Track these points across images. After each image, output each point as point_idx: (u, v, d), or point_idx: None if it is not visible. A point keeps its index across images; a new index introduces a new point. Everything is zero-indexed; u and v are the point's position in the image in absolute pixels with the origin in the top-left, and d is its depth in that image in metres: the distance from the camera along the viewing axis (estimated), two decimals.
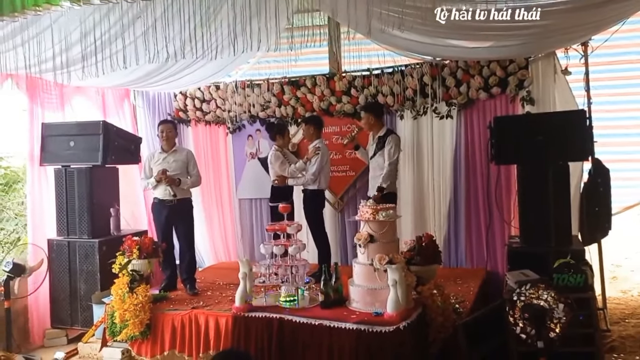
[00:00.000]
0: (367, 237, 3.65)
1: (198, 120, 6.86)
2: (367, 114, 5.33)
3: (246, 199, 6.76)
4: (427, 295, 3.83)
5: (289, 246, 3.87)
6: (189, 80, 6.10)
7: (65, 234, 5.45)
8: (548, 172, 4.44)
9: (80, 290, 5.35)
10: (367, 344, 3.36)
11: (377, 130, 5.31)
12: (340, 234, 6.33)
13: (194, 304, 4.79)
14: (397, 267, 3.42)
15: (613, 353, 4.33)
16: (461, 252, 5.82)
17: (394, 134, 5.33)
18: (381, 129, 5.29)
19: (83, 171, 5.40)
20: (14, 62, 4.37)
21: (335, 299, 3.74)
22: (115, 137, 5.56)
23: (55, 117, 5.72)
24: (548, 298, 3.45)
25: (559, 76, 5.20)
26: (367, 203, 3.80)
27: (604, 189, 4.97)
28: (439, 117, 5.75)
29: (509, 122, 4.82)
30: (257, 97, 6.47)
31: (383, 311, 3.46)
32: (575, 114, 4.62)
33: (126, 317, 4.56)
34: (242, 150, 6.72)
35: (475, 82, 5.52)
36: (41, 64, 4.38)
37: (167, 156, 5.27)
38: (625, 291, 6.33)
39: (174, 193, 5.09)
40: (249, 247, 6.75)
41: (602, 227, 4.98)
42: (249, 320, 3.70)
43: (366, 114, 5.33)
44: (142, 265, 4.79)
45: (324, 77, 6.17)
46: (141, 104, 6.91)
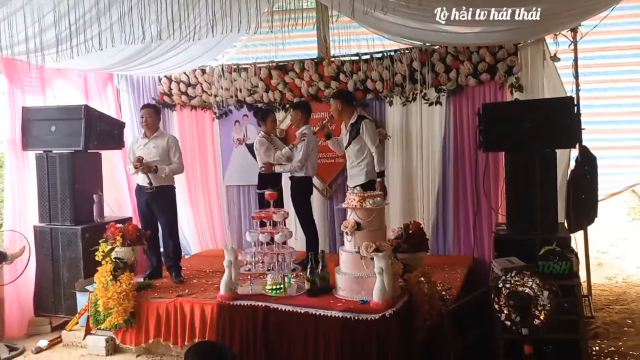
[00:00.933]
0: (354, 225, 3.61)
1: (183, 105, 6.75)
2: (335, 101, 5.28)
3: (233, 185, 6.69)
4: (414, 283, 3.82)
5: (276, 234, 3.82)
6: (174, 64, 5.97)
7: (47, 221, 5.35)
8: (535, 160, 4.42)
9: (64, 278, 5.26)
10: (353, 332, 3.34)
11: (348, 117, 5.27)
12: (329, 221, 6.30)
13: (179, 291, 4.75)
14: (384, 255, 3.40)
15: (597, 339, 4.36)
16: (449, 240, 5.82)
17: (366, 119, 5.30)
18: (352, 116, 5.23)
19: (65, 156, 5.29)
20: None
21: (321, 286, 3.71)
22: (98, 121, 5.44)
23: (36, 101, 5.58)
24: (533, 285, 3.44)
25: (548, 63, 5.18)
26: (355, 190, 3.76)
27: (591, 176, 4.97)
28: (428, 104, 5.70)
29: (497, 109, 4.79)
30: (244, 82, 6.37)
31: (369, 299, 3.44)
32: (563, 101, 4.59)
33: (110, 305, 4.51)
34: (229, 136, 6.63)
35: (464, 68, 5.48)
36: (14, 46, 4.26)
37: (148, 142, 5.17)
38: (611, 277, 6.38)
39: (149, 181, 4.99)
40: (237, 235, 6.69)
41: (588, 215, 5.00)
42: (234, 309, 3.66)
43: (334, 101, 5.28)
44: (126, 253, 4.73)
45: (313, 61, 6.08)
46: (125, 87, 6.77)
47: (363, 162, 5.22)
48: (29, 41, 4.00)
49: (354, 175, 5.28)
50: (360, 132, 5.11)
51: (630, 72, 5.62)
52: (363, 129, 5.10)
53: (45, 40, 4.14)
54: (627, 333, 4.48)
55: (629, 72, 5.62)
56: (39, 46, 4.06)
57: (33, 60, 4.32)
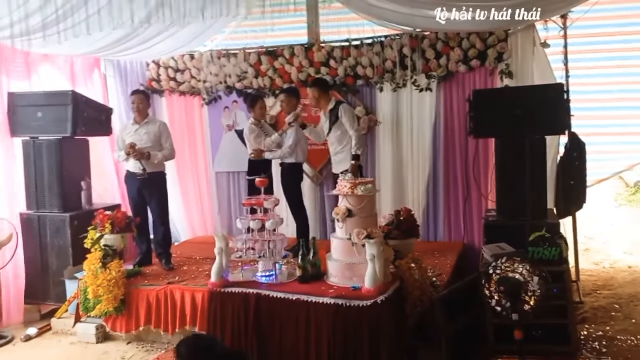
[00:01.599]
0: (345, 212, 3.61)
1: (172, 91, 6.67)
2: (311, 89, 5.28)
3: (223, 172, 6.65)
4: (405, 269, 3.83)
5: (266, 220, 3.80)
6: (162, 49, 5.89)
7: (34, 208, 5.28)
8: (525, 146, 4.43)
9: (52, 266, 5.22)
10: (345, 318, 3.35)
11: (326, 104, 5.25)
12: (319, 207, 6.29)
13: (169, 279, 4.73)
14: (375, 242, 3.40)
15: (585, 324, 4.42)
16: (439, 226, 5.84)
17: (344, 103, 5.30)
18: (329, 103, 5.23)
19: (52, 143, 5.21)
20: None
21: (313, 273, 3.72)
22: (85, 107, 5.36)
23: (22, 86, 5.48)
24: (523, 271, 3.46)
25: (538, 49, 5.17)
26: (346, 177, 3.75)
27: (580, 162, 5.01)
28: (419, 90, 5.68)
29: (487, 95, 4.78)
30: (234, 68, 6.30)
31: (361, 285, 3.45)
32: (553, 87, 4.61)
33: (99, 292, 4.48)
34: (218, 122, 6.57)
35: (454, 55, 5.46)
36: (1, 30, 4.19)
37: (139, 128, 5.13)
38: (598, 263, 6.46)
39: (143, 167, 4.96)
40: (227, 221, 6.67)
41: (577, 201, 5.05)
42: (225, 296, 3.65)
43: (311, 89, 5.28)
44: (115, 240, 4.70)
45: (302, 47, 6.02)
46: (112, 73, 6.66)
47: (346, 147, 5.20)
48: (14, 26, 3.91)
49: (338, 162, 5.27)
50: (339, 116, 5.11)
51: (619, 59, 5.63)
52: (341, 113, 5.10)
53: (31, 25, 4.06)
54: (614, 318, 4.55)
55: (618, 58, 5.63)
56: (25, 30, 3.98)
57: (19, 46, 4.23)
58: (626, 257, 6.54)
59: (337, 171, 5.21)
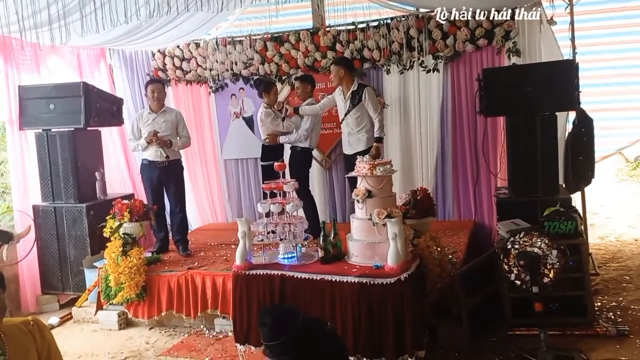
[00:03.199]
0: (365, 192, 3.65)
1: (178, 80, 6.69)
2: (337, 67, 5.18)
3: (232, 159, 6.69)
4: (424, 248, 3.91)
5: (287, 204, 3.86)
6: (167, 38, 5.90)
7: (50, 200, 5.33)
8: (536, 122, 4.50)
9: (70, 256, 5.28)
10: (369, 296, 3.42)
11: (349, 85, 5.20)
12: (328, 191, 6.35)
13: (188, 264, 4.82)
14: (397, 221, 3.46)
15: (598, 295, 4.53)
16: (449, 205, 5.92)
17: (368, 87, 5.27)
18: (352, 84, 5.20)
19: (65, 135, 5.25)
20: None
21: (334, 254, 3.77)
22: (97, 98, 5.39)
23: (31, 79, 5.50)
24: (542, 245, 3.56)
25: (545, 26, 5.20)
26: (364, 158, 3.80)
27: (588, 138, 5.07)
28: (426, 71, 5.72)
29: (497, 74, 4.82)
30: (240, 55, 6.32)
31: (383, 264, 3.51)
32: (563, 64, 4.67)
33: (121, 280, 4.56)
34: (225, 109, 6.61)
35: (461, 34, 5.49)
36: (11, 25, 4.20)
37: (157, 117, 5.17)
38: (603, 237, 6.57)
39: (166, 155, 5.03)
40: (237, 208, 6.73)
41: (586, 176, 5.11)
42: (250, 278, 3.71)
43: (337, 67, 5.18)
44: (134, 228, 4.77)
45: (308, 32, 6.04)
46: (118, 63, 6.68)
47: (363, 129, 5.22)
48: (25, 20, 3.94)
49: (352, 143, 5.27)
50: (362, 99, 5.10)
51: (623, 34, 5.68)
52: (366, 97, 5.09)
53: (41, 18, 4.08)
54: (626, 289, 4.66)
55: (622, 34, 5.69)
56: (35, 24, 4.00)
57: (30, 38, 4.25)
58: (631, 231, 6.65)
59: (350, 152, 5.24)
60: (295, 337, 2.25)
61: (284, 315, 2.36)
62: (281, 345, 2.26)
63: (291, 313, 2.38)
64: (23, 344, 1.98)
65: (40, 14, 4.10)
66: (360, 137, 5.19)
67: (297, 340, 2.23)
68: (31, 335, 2.02)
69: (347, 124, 5.32)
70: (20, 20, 3.97)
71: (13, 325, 2.00)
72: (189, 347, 4.30)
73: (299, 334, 2.25)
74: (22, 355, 1.96)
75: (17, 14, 3.93)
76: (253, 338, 3.71)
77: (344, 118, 5.31)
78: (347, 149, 5.37)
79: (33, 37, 4.19)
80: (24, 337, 2.00)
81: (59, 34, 4.11)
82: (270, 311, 2.44)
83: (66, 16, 4.35)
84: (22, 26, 4.07)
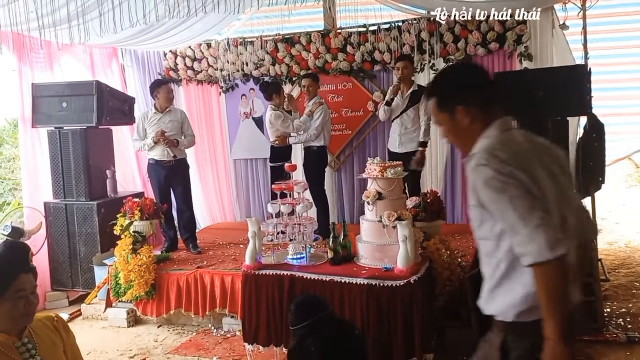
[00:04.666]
0: (376, 194, 3.66)
1: (189, 80, 6.73)
2: (403, 62, 5.15)
3: (241, 159, 6.72)
4: (433, 250, 3.91)
5: (297, 205, 3.87)
6: (179, 39, 5.95)
7: (61, 197, 5.37)
8: (548, 127, 4.48)
9: (80, 253, 5.31)
10: (378, 298, 3.43)
11: (408, 85, 5.20)
12: (337, 192, 6.37)
13: (198, 263, 4.83)
14: (407, 223, 3.47)
15: (607, 301, 4.51)
16: (457, 208, 5.92)
17: None
18: (413, 84, 5.21)
19: (77, 132, 5.28)
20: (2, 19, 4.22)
21: (343, 255, 3.79)
22: (109, 97, 5.42)
23: (44, 77, 5.54)
24: None
25: (557, 31, 5.19)
26: (375, 161, 3.80)
27: (599, 143, 5.05)
28: None
29: (509, 78, 4.80)
30: (250, 55, 6.35)
31: (393, 266, 3.52)
32: (575, 69, 4.64)
33: (131, 277, 4.59)
34: (235, 110, 6.63)
35: (473, 38, 5.49)
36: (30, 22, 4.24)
37: (163, 116, 5.21)
38: (612, 243, 6.54)
39: (173, 154, 5.07)
40: (245, 208, 6.76)
41: (596, 181, 5.09)
42: (259, 278, 3.73)
43: (403, 62, 5.15)
44: (144, 227, 4.80)
45: (319, 33, 6.06)
46: (130, 63, 6.73)
47: (417, 130, 5.20)
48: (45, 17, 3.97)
49: (405, 142, 5.23)
50: (421, 101, 5.07)
51: (636, 38, 5.66)
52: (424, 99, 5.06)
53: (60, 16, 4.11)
54: (636, 295, 4.64)
55: (635, 38, 5.66)
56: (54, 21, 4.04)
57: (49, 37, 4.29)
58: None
59: (401, 151, 5.20)
60: (318, 326, 2.28)
61: (310, 302, 2.47)
62: (302, 330, 2.31)
63: (318, 303, 2.47)
64: (51, 339, 2.01)
65: (59, 11, 4.15)
66: (414, 137, 5.17)
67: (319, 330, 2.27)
68: (57, 331, 2.04)
69: (401, 123, 5.27)
70: (39, 18, 4.02)
71: (38, 320, 2.02)
72: (197, 346, 4.32)
73: (323, 324, 2.30)
74: (51, 350, 1.98)
75: (36, 11, 3.98)
76: (261, 338, 3.74)
77: (398, 116, 5.26)
78: (396, 147, 5.29)
79: (52, 36, 4.22)
80: (51, 332, 2.02)
81: (77, 33, 4.16)
82: (299, 298, 2.54)
83: (84, 14, 4.39)
84: (40, 24, 4.12)
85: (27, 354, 1.91)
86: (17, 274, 1.84)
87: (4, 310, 1.84)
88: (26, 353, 1.90)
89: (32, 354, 1.91)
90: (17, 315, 1.85)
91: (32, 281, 1.89)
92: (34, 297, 1.89)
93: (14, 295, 1.83)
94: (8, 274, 1.84)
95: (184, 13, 4.24)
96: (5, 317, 1.85)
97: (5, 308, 1.84)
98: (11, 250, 1.91)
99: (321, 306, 2.43)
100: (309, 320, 2.32)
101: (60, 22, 4.28)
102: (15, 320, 1.87)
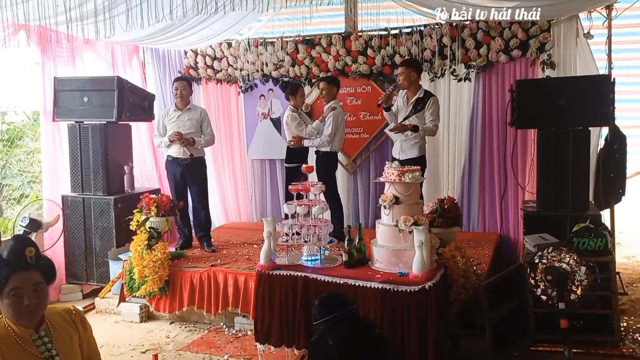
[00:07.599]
0: (392, 199, 3.64)
1: (209, 79, 6.76)
2: (410, 69, 5.00)
3: (258, 159, 6.73)
4: (449, 257, 3.87)
5: (313, 206, 3.86)
6: (200, 38, 5.97)
7: (79, 191, 5.42)
8: (569, 137, 4.43)
9: (96, 247, 5.36)
10: (393, 303, 3.39)
11: (415, 90, 5.06)
12: (353, 196, 6.34)
13: (211, 261, 4.85)
14: (423, 229, 3.43)
15: (624, 315, 4.43)
16: (474, 216, 5.87)
17: (434, 96, 5.08)
18: (419, 90, 5.06)
19: (97, 127, 5.34)
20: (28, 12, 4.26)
21: (358, 258, 3.76)
22: (130, 93, 5.47)
23: (66, 72, 5.61)
24: (570, 261, 3.49)
25: (581, 40, 5.13)
26: (393, 165, 3.78)
27: (620, 155, 4.98)
28: (457, 80, 5.68)
29: (531, 86, 4.77)
30: (270, 56, 6.36)
31: (407, 271, 3.49)
32: (599, 79, 4.59)
33: (145, 273, 4.61)
34: (253, 110, 6.64)
35: (495, 44, 5.44)
36: (58, 16, 4.29)
37: (182, 114, 5.23)
38: (630, 257, 6.44)
39: (190, 152, 5.10)
40: (260, 208, 6.76)
41: (616, 193, 5.02)
42: (273, 278, 3.72)
43: (409, 69, 5.00)
44: (160, 223, 4.82)
45: (340, 36, 6.05)
46: (150, 60, 6.79)
47: (418, 136, 5.08)
48: (71, 11, 4.01)
49: (405, 149, 5.11)
50: (425, 107, 4.96)
51: None
52: (430, 104, 4.94)
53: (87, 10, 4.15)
54: None
55: None
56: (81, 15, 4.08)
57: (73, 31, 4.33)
58: None
59: (402, 158, 5.05)
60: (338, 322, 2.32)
61: (333, 299, 2.49)
62: (322, 325, 2.37)
63: (341, 300, 2.50)
64: (67, 332, 2.02)
65: (86, 4, 4.18)
66: (414, 143, 5.04)
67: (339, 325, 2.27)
68: (74, 324, 2.05)
69: None
70: (67, 11, 4.06)
71: (56, 312, 2.03)
72: (209, 344, 4.32)
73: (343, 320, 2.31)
74: (67, 342, 1.99)
75: (63, 4, 4.02)
76: (273, 338, 3.73)
77: (401, 122, 5.16)
78: (397, 153, 5.20)
79: (77, 30, 4.26)
80: (68, 325, 2.03)
81: (102, 27, 4.19)
82: (324, 294, 2.64)
83: (111, 8, 4.42)
84: (68, 17, 4.15)
85: (43, 347, 1.92)
86: (9, 275, 1.85)
87: (4, 307, 1.89)
88: (42, 346, 1.92)
89: (48, 348, 1.93)
90: (17, 312, 1.88)
91: (32, 278, 1.89)
92: (35, 294, 1.88)
93: (9, 294, 1.86)
94: None
95: (211, 8, 4.23)
96: (9, 313, 1.88)
97: (5, 305, 1.88)
98: (9, 249, 1.92)
99: (344, 303, 2.46)
100: (329, 315, 2.33)
101: (87, 15, 4.31)
102: (20, 316, 1.89)
